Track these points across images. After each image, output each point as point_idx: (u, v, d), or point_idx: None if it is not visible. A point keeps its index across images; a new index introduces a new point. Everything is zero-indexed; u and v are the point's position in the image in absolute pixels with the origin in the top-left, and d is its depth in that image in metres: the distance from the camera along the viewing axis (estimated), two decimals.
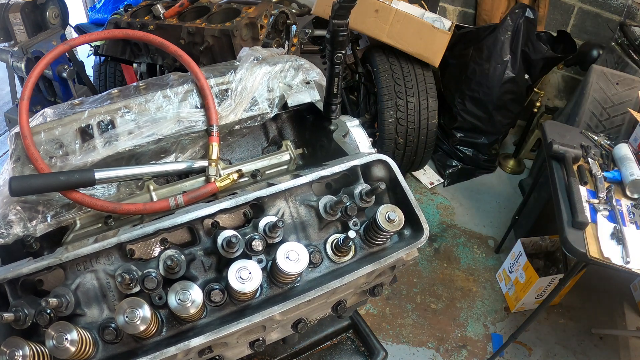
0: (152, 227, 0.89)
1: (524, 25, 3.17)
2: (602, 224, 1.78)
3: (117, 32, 1.46)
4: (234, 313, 0.92)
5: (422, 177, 3.68)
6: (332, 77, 1.19)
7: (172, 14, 2.09)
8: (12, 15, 2.77)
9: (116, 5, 3.93)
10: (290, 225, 1.01)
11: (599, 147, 2.23)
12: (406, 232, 1.06)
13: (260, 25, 1.94)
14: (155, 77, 1.31)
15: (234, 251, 0.89)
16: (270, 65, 1.31)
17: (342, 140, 1.25)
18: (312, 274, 0.99)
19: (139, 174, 1.15)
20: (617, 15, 3.57)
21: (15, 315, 0.80)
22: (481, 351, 2.55)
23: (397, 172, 1.05)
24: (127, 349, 0.87)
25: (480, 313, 2.75)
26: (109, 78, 3.56)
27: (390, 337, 2.56)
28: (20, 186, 0.98)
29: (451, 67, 3.49)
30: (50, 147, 1.11)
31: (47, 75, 2.84)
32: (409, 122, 2.91)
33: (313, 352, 1.45)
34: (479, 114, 3.47)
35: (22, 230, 1.07)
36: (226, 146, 1.36)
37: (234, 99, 1.25)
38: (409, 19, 2.78)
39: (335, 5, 1.04)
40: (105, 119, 1.15)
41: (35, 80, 1.18)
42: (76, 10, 4.74)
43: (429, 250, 3.10)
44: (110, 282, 0.89)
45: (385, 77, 2.89)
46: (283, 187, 0.98)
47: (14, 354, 0.74)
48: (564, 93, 4.10)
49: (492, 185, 3.72)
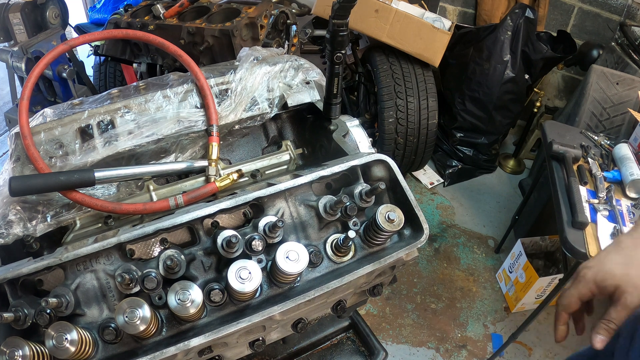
0: (152, 227, 0.89)
1: (524, 25, 3.17)
2: (602, 224, 1.78)
3: (117, 32, 1.46)
4: (234, 313, 0.92)
5: (422, 177, 3.68)
6: (332, 77, 1.19)
7: (172, 14, 2.09)
8: (12, 15, 2.77)
9: (116, 5, 3.93)
10: (290, 225, 1.01)
11: (599, 147, 2.23)
12: (406, 232, 1.06)
13: (260, 25, 1.94)
14: (155, 77, 1.31)
15: (233, 251, 0.89)
16: (270, 65, 1.31)
17: (342, 140, 1.25)
18: (312, 274, 0.99)
19: (139, 174, 1.15)
20: (617, 15, 3.57)
21: (15, 315, 0.80)
22: (481, 351, 2.55)
23: (397, 172, 1.05)
24: (127, 349, 0.87)
25: (480, 313, 2.75)
26: (109, 78, 3.56)
27: (390, 337, 2.56)
28: (20, 186, 0.98)
29: (451, 67, 3.49)
30: (50, 147, 1.11)
31: (47, 75, 2.84)
32: (409, 122, 2.91)
33: (313, 352, 1.45)
34: (479, 114, 3.47)
35: (22, 230, 1.07)
36: (226, 146, 1.36)
37: (234, 99, 1.25)
38: (409, 19, 2.78)
39: (335, 5, 1.04)
40: (105, 119, 1.15)
41: (35, 80, 1.18)
42: (76, 10, 4.74)
43: (429, 250, 3.10)
44: (110, 282, 0.89)
45: (385, 77, 2.89)
46: (283, 187, 0.98)
47: (14, 354, 0.74)
48: (564, 93, 4.10)
49: (492, 185, 3.72)
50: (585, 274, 0.94)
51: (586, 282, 0.94)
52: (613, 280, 0.90)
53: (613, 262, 0.93)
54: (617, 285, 0.89)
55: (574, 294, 0.96)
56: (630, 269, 0.90)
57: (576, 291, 0.95)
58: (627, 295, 0.88)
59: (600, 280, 0.92)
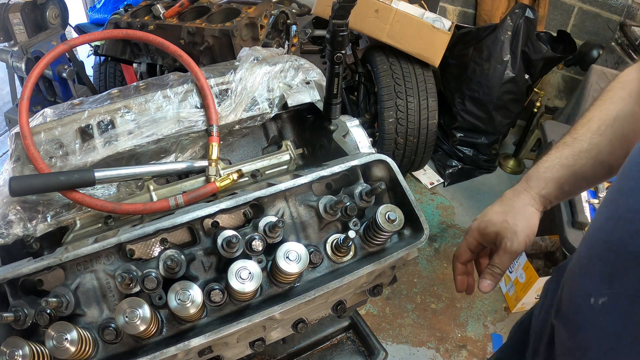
0: (152, 227, 0.89)
1: (524, 25, 3.17)
2: None
3: (117, 32, 1.46)
4: (234, 313, 0.92)
5: (422, 177, 3.68)
6: (332, 77, 1.19)
7: (172, 14, 2.09)
8: (12, 15, 2.77)
9: (116, 5, 3.93)
10: (290, 225, 1.01)
11: None
12: (406, 232, 1.06)
13: (260, 25, 1.94)
14: (155, 77, 1.31)
15: (234, 251, 0.89)
16: (270, 65, 1.31)
17: (342, 140, 1.25)
18: (312, 274, 0.99)
19: (139, 174, 1.15)
20: (617, 15, 3.57)
21: (15, 315, 0.80)
22: (481, 351, 2.55)
23: (397, 172, 1.05)
24: (127, 349, 0.87)
25: (480, 313, 2.75)
26: (109, 78, 3.56)
27: (390, 337, 2.56)
28: (20, 186, 0.98)
29: (451, 67, 3.49)
30: (50, 147, 1.11)
31: (47, 75, 2.84)
32: (409, 122, 2.91)
33: (313, 352, 1.45)
34: (479, 114, 3.47)
35: (22, 230, 1.07)
36: (226, 146, 1.36)
37: (234, 99, 1.25)
38: (409, 19, 2.78)
39: (335, 5, 1.04)
40: (105, 119, 1.15)
41: (35, 80, 1.17)
42: (76, 10, 4.74)
43: (429, 250, 3.10)
44: (110, 282, 0.89)
45: (385, 77, 2.89)
46: (283, 187, 0.98)
47: (14, 354, 0.74)
48: (564, 93, 4.10)
49: (492, 185, 3.72)
50: (472, 224, 1.02)
51: (472, 232, 1.02)
52: (494, 228, 0.96)
53: (493, 211, 0.99)
54: (497, 232, 0.96)
55: (462, 245, 1.04)
56: (508, 216, 0.95)
57: (464, 242, 1.04)
58: (507, 240, 0.94)
59: (483, 229, 0.99)
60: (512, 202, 0.98)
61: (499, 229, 0.96)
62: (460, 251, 1.05)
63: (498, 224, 0.96)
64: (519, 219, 0.95)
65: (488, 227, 0.98)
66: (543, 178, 0.98)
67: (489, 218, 0.98)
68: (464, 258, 1.05)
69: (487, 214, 1.00)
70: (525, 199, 0.98)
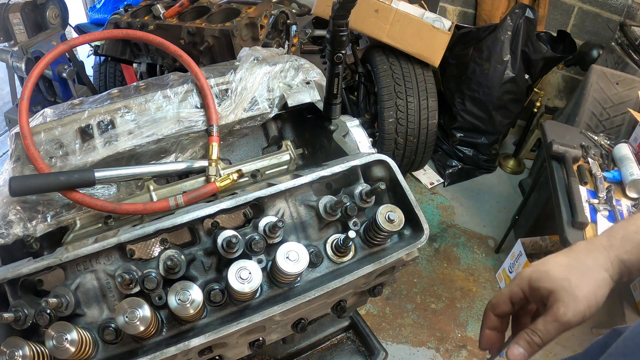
0: (152, 227, 0.89)
1: (524, 25, 3.17)
2: (602, 224, 1.78)
3: (117, 32, 1.46)
4: (234, 313, 0.92)
5: (422, 177, 3.68)
6: (332, 77, 1.19)
7: (172, 14, 2.09)
8: (12, 15, 2.77)
9: (116, 5, 3.93)
10: (290, 225, 1.01)
11: (599, 147, 2.23)
12: (406, 232, 1.06)
13: (260, 25, 1.94)
14: (155, 77, 1.31)
15: (234, 251, 0.89)
16: (270, 65, 1.31)
17: (342, 140, 1.25)
18: (312, 274, 0.99)
19: (139, 174, 1.15)
20: (617, 15, 3.57)
21: (15, 315, 0.80)
22: (481, 351, 2.55)
23: (397, 172, 1.05)
24: (127, 349, 0.87)
25: (481, 313, 2.73)
26: (109, 78, 3.56)
27: (390, 337, 2.56)
28: (20, 186, 0.98)
29: (451, 67, 3.49)
30: (50, 147, 1.11)
31: (47, 75, 2.84)
32: (409, 122, 2.91)
33: (313, 352, 1.45)
34: (479, 114, 3.47)
35: (22, 230, 1.07)
36: (226, 146, 1.36)
37: (234, 99, 1.25)
38: (409, 19, 2.78)
39: (335, 5, 1.04)
40: (105, 119, 1.15)
41: (35, 80, 1.17)
42: (76, 10, 4.74)
43: (429, 250, 3.10)
44: (110, 282, 0.89)
45: (385, 77, 2.89)
46: (283, 187, 0.98)
47: (14, 354, 0.74)
48: (564, 93, 4.10)
49: (492, 185, 3.72)
50: (524, 271, 0.80)
51: (521, 280, 0.79)
52: (549, 284, 0.74)
53: (556, 262, 0.77)
54: (552, 291, 0.73)
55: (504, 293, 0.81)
56: (572, 274, 0.74)
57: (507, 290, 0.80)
58: (561, 305, 0.71)
59: (535, 280, 0.76)
60: (583, 258, 0.77)
61: (556, 288, 0.73)
62: (498, 300, 0.81)
63: (556, 281, 0.73)
64: (585, 282, 0.73)
65: (542, 280, 0.75)
66: (631, 240, 0.76)
67: (548, 269, 0.76)
68: (501, 310, 0.81)
69: (547, 262, 0.78)
70: (601, 259, 0.76)
